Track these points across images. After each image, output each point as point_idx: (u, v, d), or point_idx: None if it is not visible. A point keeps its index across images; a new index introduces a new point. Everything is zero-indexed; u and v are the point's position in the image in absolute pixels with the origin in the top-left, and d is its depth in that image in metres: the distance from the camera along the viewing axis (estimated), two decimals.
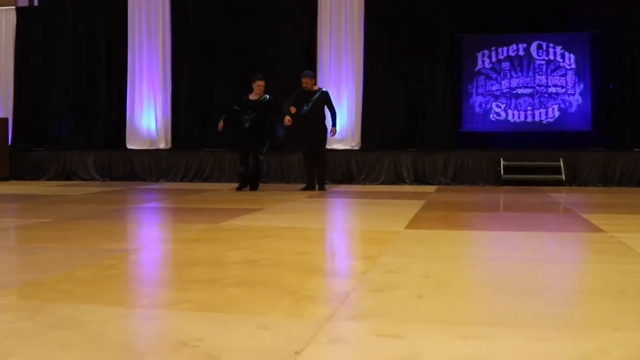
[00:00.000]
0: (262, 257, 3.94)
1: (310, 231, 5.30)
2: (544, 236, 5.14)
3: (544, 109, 11.79)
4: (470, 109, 12.04)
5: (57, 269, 3.58)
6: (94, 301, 2.85)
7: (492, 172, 10.79)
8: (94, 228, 5.44)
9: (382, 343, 2.25)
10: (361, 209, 7.60)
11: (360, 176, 11.18)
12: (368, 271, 3.49)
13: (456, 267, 3.78)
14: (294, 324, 2.49)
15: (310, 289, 3.12)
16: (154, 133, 12.84)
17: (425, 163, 11.03)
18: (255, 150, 9.43)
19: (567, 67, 11.76)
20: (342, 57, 12.05)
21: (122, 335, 2.40)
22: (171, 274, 3.70)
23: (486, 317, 2.63)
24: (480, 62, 12.06)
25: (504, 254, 4.37)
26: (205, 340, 2.25)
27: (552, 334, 2.37)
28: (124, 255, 4.13)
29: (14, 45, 13.59)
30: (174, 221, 6.36)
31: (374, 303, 2.86)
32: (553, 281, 3.46)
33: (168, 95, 12.85)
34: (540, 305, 2.81)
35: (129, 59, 12.92)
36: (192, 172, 11.83)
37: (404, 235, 4.91)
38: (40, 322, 2.50)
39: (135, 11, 12.94)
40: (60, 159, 12.43)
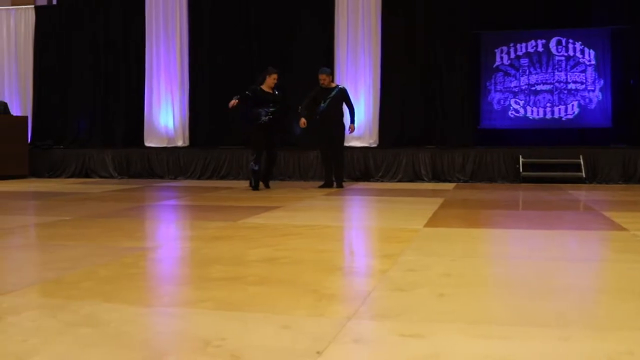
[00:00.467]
0: (282, 255, 3.93)
1: (329, 229, 5.29)
2: (565, 234, 5.10)
3: (564, 105, 11.69)
4: (488, 105, 11.97)
5: (78, 266, 3.60)
6: (115, 299, 2.86)
7: (511, 170, 10.72)
8: (114, 226, 5.47)
9: (404, 343, 2.24)
10: (380, 206, 7.58)
11: (378, 173, 11.16)
12: (388, 270, 3.47)
13: (477, 266, 3.75)
14: (316, 323, 2.48)
15: (331, 287, 3.11)
16: (171, 131, 12.89)
17: (444, 160, 10.98)
18: (272, 146, 9.21)
19: (587, 63, 11.64)
20: (359, 54, 12.02)
21: (145, 334, 2.41)
22: (192, 272, 3.70)
23: (509, 317, 2.60)
24: (498, 58, 11.98)
25: (524, 253, 4.33)
26: (228, 340, 2.25)
27: (576, 334, 2.34)
28: (145, 253, 4.14)
29: (33, 43, 13.70)
30: (193, 219, 6.37)
31: (395, 302, 2.84)
32: (575, 280, 3.42)
33: (186, 93, 12.89)
34: (563, 305, 2.78)
35: (147, 57, 12.98)
36: (209, 170, 11.87)
37: (423, 234, 4.88)
38: (63, 320, 2.51)
39: (153, 9, 13.00)
40: (79, 156, 12.52)
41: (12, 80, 13.81)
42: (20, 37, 13.78)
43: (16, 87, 13.79)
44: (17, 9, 13.84)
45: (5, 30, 13.83)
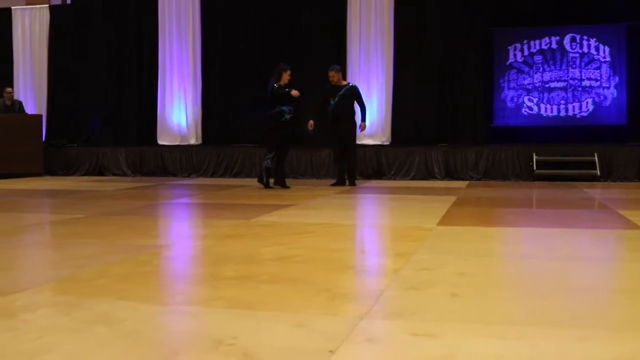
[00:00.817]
0: (295, 253, 3.93)
1: (342, 227, 5.28)
2: (580, 233, 5.07)
3: (578, 102, 11.60)
4: (501, 103, 11.90)
5: (93, 264, 3.61)
6: (129, 297, 2.87)
7: (524, 167, 10.67)
8: (128, 223, 5.49)
9: (417, 342, 2.23)
10: (392, 204, 7.56)
11: (390, 171, 11.14)
12: (401, 269, 3.46)
13: (491, 265, 3.73)
14: (329, 322, 2.48)
15: (343, 286, 3.11)
16: (184, 129, 12.93)
17: (457, 158, 10.94)
18: (287, 144, 9.15)
19: (602, 59, 11.55)
20: (371, 51, 12.00)
21: (158, 332, 2.42)
22: (205, 271, 3.71)
23: (523, 317, 2.58)
24: (512, 55, 11.90)
25: (539, 252, 4.30)
26: (241, 338, 2.25)
27: (592, 334, 2.32)
28: (158, 251, 4.16)
29: (48, 42, 13.79)
30: (206, 217, 6.39)
31: (408, 301, 2.83)
32: (590, 280, 3.40)
33: (198, 91, 12.93)
34: (578, 305, 2.76)
35: (160, 55, 13.03)
36: (222, 168, 11.89)
37: (436, 232, 4.87)
38: (77, 318, 2.52)
39: (166, 7, 13.04)
40: (93, 154, 12.59)
41: (27, 79, 13.91)
42: (34, 36, 13.86)
43: (31, 86, 13.88)
44: (31, 9, 13.93)
45: (20, 29, 13.92)
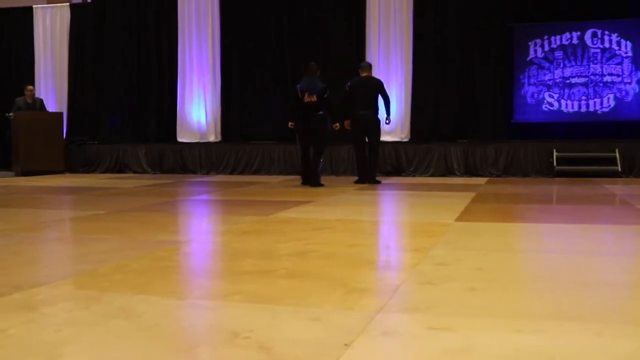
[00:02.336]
0: (312, 249, 3.94)
1: (360, 223, 5.28)
2: (600, 229, 5.03)
3: (599, 98, 11.50)
4: (521, 99, 11.82)
5: (112, 259, 3.65)
6: (148, 292, 2.89)
7: (544, 164, 10.58)
8: (147, 220, 5.53)
9: (433, 336, 2.23)
10: (411, 201, 7.54)
11: (409, 168, 11.11)
12: (419, 264, 3.46)
13: (509, 260, 3.72)
14: (345, 316, 2.48)
15: (360, 281, 3.11)
16: (204, 126, 12.99)
17: (476, 155, 10.88)
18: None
19: (624, 55, 11.43)
20: (391, 48, 11.98)
21: (176, 326, 2.44)
22: (223, 266, 3.73)
23: (541, 311, 2.57)
24: (532, 51, 11.82)
25: (557, 247, 4.28)
26: (257, 332, 2.26)
27: (611, 329, 2.31)
28: (177, 247, 4.19)
29: (68, 41, 13.92)
30: (225, 213, 6.42)
31: (425, 296, 2.83)
32: (610, 275, 3.37)
33: (218, 89, 12.99)
34: (597, 299, 2.75)
35: (179, 53, 13.10)
36: (241, 165, 11.92)
37: (455, 228, 4.85)
38: (96, 311, 2.55)
39: (185, 5, 13.10)
40: (113, 152, 12.69)
41: (48, 77, 14.05)
42: (55, 34, 14.00)
43: (52, 83, 14.02)
44: (52, 7, 14.07)
45: (41, 28, 14.07)
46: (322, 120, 8.73)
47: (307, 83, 8.75)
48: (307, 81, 8.77)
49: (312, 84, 8.72)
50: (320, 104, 8.67)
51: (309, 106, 8.66)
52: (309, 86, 8.71)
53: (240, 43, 12.86)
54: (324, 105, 8.72)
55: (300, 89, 8.74)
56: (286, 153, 11.57)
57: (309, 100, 8.63)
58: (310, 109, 8.67)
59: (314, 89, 8.68)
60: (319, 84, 8.72)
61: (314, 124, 8.70)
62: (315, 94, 8.64)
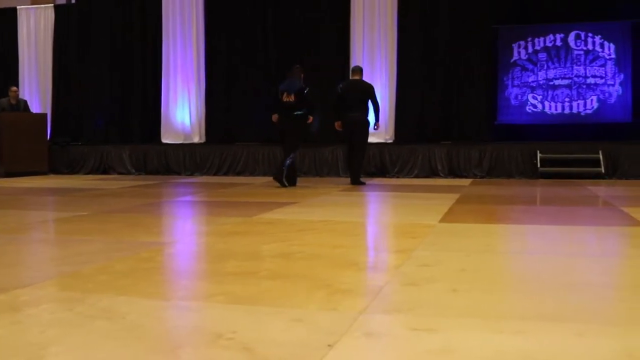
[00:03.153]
0: (296, 250, 3.95)
1: (344, 225, 5.29)
2: (583, 230, 5.07)
3: (582, 100, 11.59)
4: (505, 100, 11.90)
5: (96, 261, 3.63)
6: (131, 293, 2.89)
7: (528, 165, 10.66)
8: (131, 221, 5.51)
9: (416, 337, 2.24)
10: (395, 202, 7.57)
11: (394, 169, 11.14)
12: (402, 265, 3.48)
13: (492, 261, 3.74)
14: (328, 317, 2.49)
15: (344, 282, 3.12)
16: (188, 127, 12.97)
17: (460, 156, 10.94)
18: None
19: (607, 57, 11.54)
20: (375, 49, 12.01)
21: (159, 327, 2.43)
22: (207, 267, 3.73)
23: (523, 312, 2.59)
24: (516, 53, 11.90)
25: (541, 248, 4.31)
26: (240, 333, 2.26)
27: (592, 329, 2.33)
28: (161, 248, 4.18)
29: (52, 42, 13.84)
30: (209, 214, 6.41)
31: (408, 297, 2.84)
32: (592, 276, 3.40)
33: (202, 90, 12.97)
34: (579, 301, 2.77)
35: (164, 54, 13.07)
36: (226, 166, 11.91)
37: (438, 229, 4.87)
38: (80, 313, 2.54)
39: (170, 6, 13.07)
40: (97, 153, 12.63)
41: (32, 78, 13.96)
42: (40, 35, 13.92)
43: (36, 85, 13.93)
44: (37, 8, 13.99)
45: (25, 29, 13.98)
46: (297, 120, 8.81)
47: (287, 83, 8.89)
48: (287, 82, 8.90)
49: (292, 84, 8.84)
50: (298, 104, 8.74)
51: (286, 106, 8.74)
52: (288, 86, 8.83)
53: (225, 44, 12.85)
54: (304, 104, 8.79)
55: (281, 89, 8.86)
56: (270, 154, 11.57)
57: (287, 100, 8.72)
58: (289, 108, 8.76)
59: (292, 88, 8.78)
60: (297, 84, 8.82)
61: (289, 123, 8.81)
62: (293, 94, 8.72)
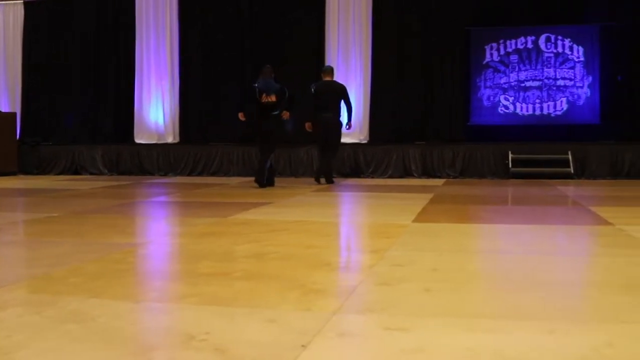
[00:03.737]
0: (270, 250, 3.94)
1: (318, 225, 5.30)
2: (553, 229, 5.13)
3: (553, 101, 11.74)
4: (478, 102, 12.01)
5: (66, 263, 3.59)
6: (103, 295, 2.86)
7: (500, 165, 10.76)
8: (103, 222, 5.46)
9: (389, 336, 2.26)
10: (369, 202, 7.59)
11: (368, 170, 11.18)
12: (375, 265, 3.49)
13: (464, 261, 3.77)
14: (302, 317, 2.49)
15: (317, 282, 3.12)
16: (162, 127, 12.87)
17: (434, 156, 11.01)
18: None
19: (576, 59, 11.70)
20: (350, 50, 12.03)
21: (131, 329, 2.41)
22: (180, 268, 3.71)
23: (495, 310, 2.62)
24: (488, 54, 12.01)
25: (512, 247, 4.36)
26: (213, 334, 2.26)
27: (561, 326, 2.36)
28: (133, 250, 4.14)
29: (22, 39, 13.64)
30: (183, 215, 6.37)
31: (381, 297, 2.86)
32: (562, 274, 3.45)
33: (176, 89, 12.88)
34: (549, 299, 2.81)
35: (137, 53, 12.95)
36: (200, 166, 11.85)
37: (411, 229, 4.90)
38: (49, 316, 2.51)
39: (143, 4, 12.96)
40: (68, 153, 12.48)
41: (0, 77, 13.75)
42: (8, 32, 13.72)
43: (4, 83, 13.73)
44: (5, 5, 13.78)
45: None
46: (276, 121, 8.79)
47: (263, 84, 8.77)
48: (263, 82, 8.79)
49: (269, 84, 8.77)
50: (278, 104, 8.70)
51: (266, 106, 8.68)
52: (265, 86, 8.74)
53: (199, 44, 12.78)
54: (284, 105, 8.75)
55: (259, 88, 8.74)
56: (245, 155, 11.54)
57: (267, 100, 8.68)
58: (268, 109, 8.69)
59: (271, 89, 8.72)
60: (275, 85, 8.78)
61: (270, 124, 8.76)
62: (274, 94, 8.68)
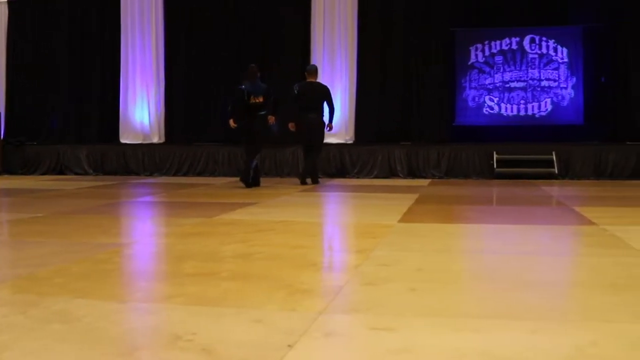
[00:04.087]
0: (256, 251, 3.94)
1: (303, 225, 5.30)
2: (537, 229, 5.17)
3: (537, 102, 11.83)
4: (463, 102, 12.07)
5: (51, 263, 3.58)
6: (88, 295, 2.85)
7: (485, 166, 10.82)
8: (88, 222, 5.43)
9: (375, 336, 2.26)
10: (354, 202, 7.61)
11: (353, 170, 11.20)
12: (361, 265, 3.50)
13: (449, 261, 3.79)
14: (288, 317, 2.50)
15: (304, 282, 3.13)
16: (147, 127, 12.82)
17: (419, 157, 11.05)
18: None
19: (560, 60, 11.79)
20: (335, 50, 12.04)
21: (117, 329, 2.41)
22: (166, 268, 3.70)
23: (480, 310, 2.64)
24: (473, 56, 12.07)
25: (497, 247, 4.38)
26: (199, 334, 2.26)
27: (546, 326, 2.38)
28: (119, 250, 4.13)
29: (6, 39, 13.53)
30: (168, 215, 6.36)
31: (367, 296, 2.87)
32: (546, 274, 3.47)
33: (161, 89, 12.82)
34: (533, 298, 2.83)
35: (122, 52, 12.88)
36: (185, 166, 11.82)
37: (397, 229, 4.92)
38: (34, 316, 2.50)
39: (129, 4, 12.89)
40: (53, 153, 12.40)
41: None
42: None
43: None
44: None
45: None
46: (263, 121, 8.79)
47: (250, 85, 8.75)
48: (249, 83, 8.77)
49: (256, 85, 8.75)
50: (265, 105, 8.70)
51: (254, 107, 8.68)
52: (252, 88, 8.72)
53: (184, 43, 12.74)
54: (270, 105, 8.75)
55: (247, 90, 8.73)
56: (230, 155, 11.53)
57: (255, 101, 8.67)
58: (255, 109, 8.69)
59: (258, 90, 8.72)
60: (262, 85, 8.79)
61: (257, 124, 8.74)
62: (261, 95, 8.68)
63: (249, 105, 8.70)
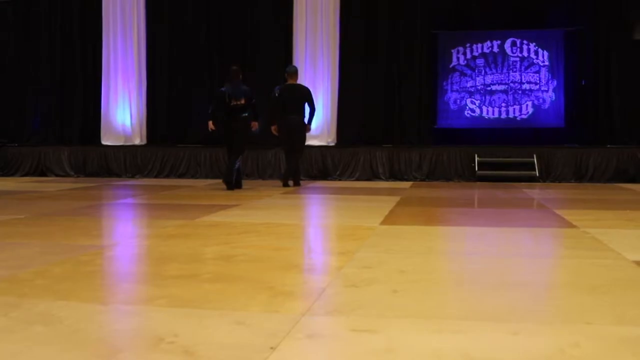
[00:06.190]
0: (238, 253, 3.94)
1: (286, 227, 5.31)
2: (518, 231, 5.21)
3: (518, 105, 11.91)
4: (445, 105, 12.13)
5: (33, 265, 3.55)
6: (70, 297, 2.83)
7: (466, 168, 10.88)
8: (70, 224, 5.40)
9: (357, 338, 2.28)
10: (337, 204, 7.62)
11: (335, 172, 11.22)
12: (344, 267, 3.51)
13: (431, 262, 3.81)
14: (270, 319, 2.50)
15: (286, 284, 3.13)
16: (129, 129, 12.74)
17: (401, 159, 11.09)
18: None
19: (541, 63, 11.89)
20: (317, 52, 12.05)
21: (99, 331, 2.40)
22: (148, 270, 3.69)
23: (462, 312, 2.66)
24: (455, 58, 12.14)
25: (479, 249, 4.41)
26: (181, 336, 2.25)
27: (527, 327, 2.41)
28: (101, 252, 4.11)
29: None
30: (150, 217, 6.33)
31: (349, 298, 2.88)
32: (527, 276, 3.51)
33: (143, 91, 12.76)
34: (515, 300, 2.85)
35: (104, 54, 12.80)
36: (167, 168, 11.78)
37: (379, 231, 4.94)
38: (15, 318, 2.48)
39: (110, 5, 12.82)
40: (34, 154, 12.30)
41: None
42: None
43: None
44: None
45: None
46: (245, 122, 8.78)
47: (231, 88, 8.74)
48: (231, 86, 8.75)
49: (237, 88, 8.74)
50: (246, 107, 8.70)
51: (234, 109, 8.67)
52: (234, 91, 8.70)
53: (166, 45, 12.69)
54: (251, 108, 8.74)
55: (228, 93, 8.71)
56: (212, 157, 11.50)
57: (236, 104, 8.66)
58: (237, 111, 8.68)
59: (240, 93, 8.71)
60: (243, 88, 8.77)
61: (237, 126, 8.73)
62: (243, 98, 8.67)
63: (230, 108, 8.69)
